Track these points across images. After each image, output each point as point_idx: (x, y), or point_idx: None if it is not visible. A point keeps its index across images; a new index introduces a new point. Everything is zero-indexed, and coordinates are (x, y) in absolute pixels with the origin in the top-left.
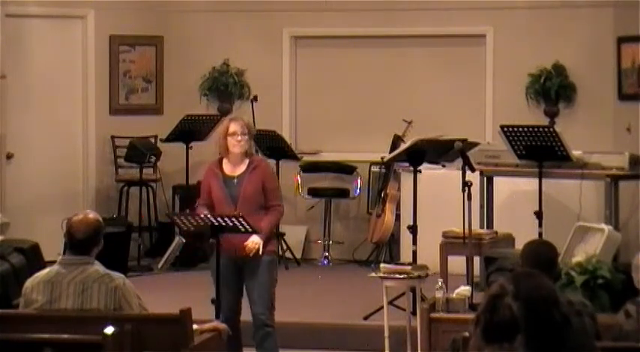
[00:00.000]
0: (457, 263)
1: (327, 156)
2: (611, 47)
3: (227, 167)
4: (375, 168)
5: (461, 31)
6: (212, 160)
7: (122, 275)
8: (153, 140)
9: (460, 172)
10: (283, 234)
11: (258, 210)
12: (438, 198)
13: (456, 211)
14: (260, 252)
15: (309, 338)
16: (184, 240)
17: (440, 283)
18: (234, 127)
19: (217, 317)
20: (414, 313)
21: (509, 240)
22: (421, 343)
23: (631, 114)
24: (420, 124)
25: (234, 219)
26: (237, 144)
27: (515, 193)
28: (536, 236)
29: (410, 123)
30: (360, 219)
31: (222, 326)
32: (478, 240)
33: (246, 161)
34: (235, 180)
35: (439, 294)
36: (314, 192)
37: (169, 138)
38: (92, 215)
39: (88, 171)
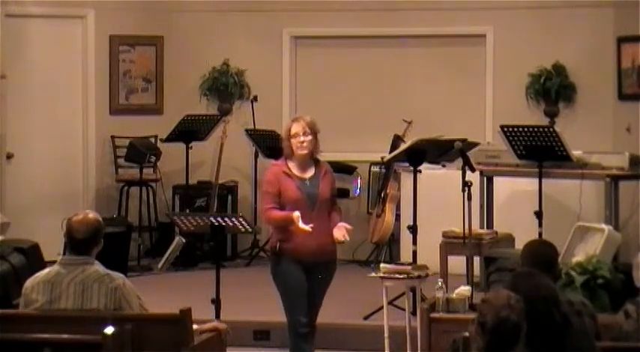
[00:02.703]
0: (457, 263)
1: (327, 156)
2: (611, 47)
3: (294, 169)
4: (375, 168)
5: (461, 31)
6: (275, 161)
7: (122, 276)
8: (153, 140)
9: (460, 172)
10: None
11: (328, 212)
12: (438, 198)
13: (456, 211)
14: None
15: None
16: (184, 240)
17: (440, 283)
18: (295, 128)
19: (217, 317)
20: (414, 313)
21: (509, 240)
22: (421, 343)
23: (631, 114)
24: (420, 124)
25: (234, 219)
26: (300, 145)
27: (515, 193)
28: (536, 236)
29: (410, 123)
30: (360, 219)
31: (222, 326)
32: (478, 240)
33: (312, 163)
34: (307, 182)
35: (439, 294)
36: None
37: (169, 138)
38: (92, 215)
39: (88, 171)
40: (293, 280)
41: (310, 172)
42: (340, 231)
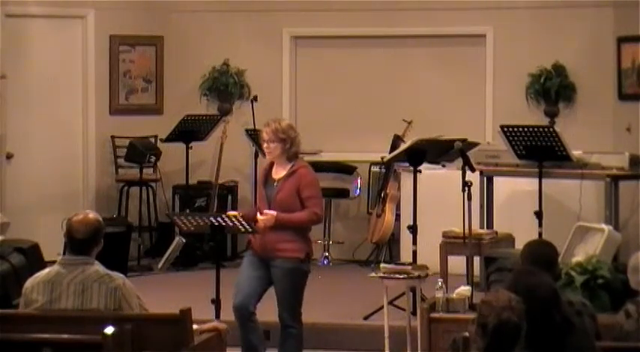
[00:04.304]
0: (457, 263)
1: (327, 156)
2: (611, 47)
3: (274, 169)
4: (375, 168)
5: (461, 31)
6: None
7: (122, 276)
8: (153, 140)
9: (460, 172)
10: None
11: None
12: (438, 198)
13: (456, 211)
14: (263, 224)
15: (309, 338)
16: (184, 240)
17: (440, 283)
18: (263, 134)
19: (217, 317)
20: (414, 313)
21: (509, 240)
22: (421, 343)
23: (631, 114)
24: (420, 124)
25: (234, 219)
26: (266, 151)
27: (515, 193)
28: (536, 236)
29: (410, 123)
30: (360, 219)
31: (222, 325)
32: (478, 240)
33: (289, 164)
34: (275, 184)
35: (439, 294)
36: None
37: (169, 138)
38: (92, 215)
39: (88, 171)
40: (243, 268)
41: (281, 174)
42: (262, 216)
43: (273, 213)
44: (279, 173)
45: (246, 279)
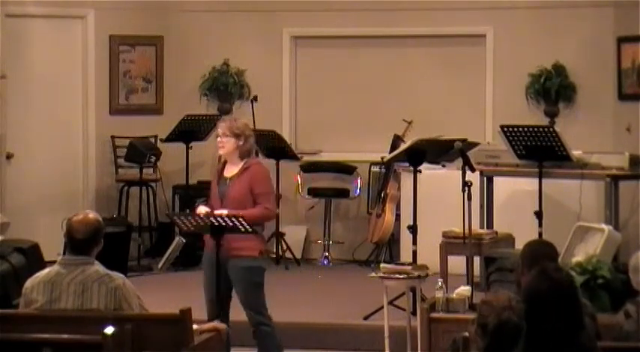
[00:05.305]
0: (457, 263)
1: (327, 156)
2: (611, 47)
3: (227, 168)
4: (375, 168)
5: (461, 31)
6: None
7: (122, 276)
8: (153, 140)
9: (460, 172)
10: (283, 234)
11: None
12: (438, 198)
13: (456, 211)
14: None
15: (309, 338)
16: (184, 240)
17: (440, 283)
18: (218, 129)
19: (217, 316)
20: (414, 313)
21: (509, 240)
22: (421, 343)
23: (631, 114)
24: (420, 124)
25: (234, 219)
26: (219, 145)
27: (515, 193)
28: (536, 236)
29: (410, 123)
30: (360, 219)
31: (222, 326)
32: (478, 240)
33: (241, 163)
34: (228, 181)
35: (439, 294)
36: (314, 192)
37: (169, 138)
38: (92, 215)
39: (88, 171)
40: (204, 269)
41: (234, 172)
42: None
43: (224, 211)
44: (231, 171)
45: (210, 286)
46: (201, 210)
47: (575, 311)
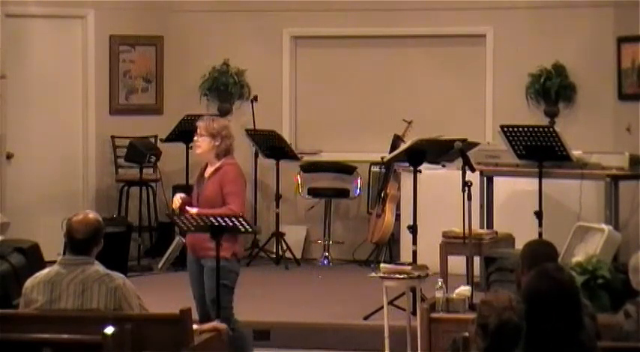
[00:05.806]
0: (457, 263)
1: (327, 156)
2: (611, 47)
3: (207, 167)
4: (375, 168)
5: (461, 31)
6: None
7: (122, 276)
8: (153, 140)
9: (460, 172)
10: (283, 234)
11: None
12: (438, 198)
13: (456, 211)
14: (177, 207)
15: (309, 338)
16: (184, 240)
17: (440, 283)
18: (197, 130)
19: (217, 317)
20: (414, 313)
21: (509, 240)
22: (421, 343)
23: (631, 114)
24: (420, 124)
25: (234, 219)
26: (195, 145)
27: (515, 193)
28: (536, 236)
29: (410, 123)
30: (360, 219)
31: (222, 326)
32: (478, 240)
33: (218, 163)
34: (204, 181)
35: (439, 294)
36: (314, 192)
37: (169, 138)
38: (92, 215)
39: (88, 171)
40: (188, 269)
41: (210, 171)
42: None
43: (194, 210)
44: (208, 170)
45: (197, 288)
46: (177, 198)
47: (576, 311)
